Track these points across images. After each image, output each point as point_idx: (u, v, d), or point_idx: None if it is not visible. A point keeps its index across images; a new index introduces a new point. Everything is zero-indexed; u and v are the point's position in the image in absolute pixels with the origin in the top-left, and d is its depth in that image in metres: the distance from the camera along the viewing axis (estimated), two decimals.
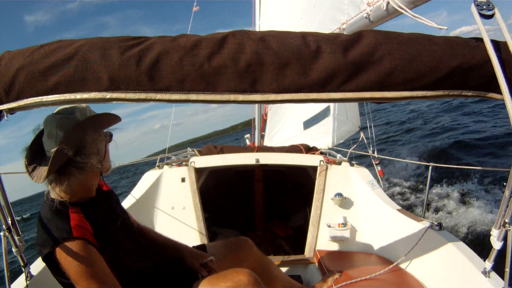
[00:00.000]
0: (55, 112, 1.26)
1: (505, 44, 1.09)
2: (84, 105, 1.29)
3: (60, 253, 1.15)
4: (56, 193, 1.23)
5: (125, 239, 1.41)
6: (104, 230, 1.29)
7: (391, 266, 2.02)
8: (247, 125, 7.32)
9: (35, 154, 1.26)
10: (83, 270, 1.13)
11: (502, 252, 1.25)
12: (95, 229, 1.23)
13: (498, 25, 1.11)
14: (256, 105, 5.90)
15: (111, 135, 1.40)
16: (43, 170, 1.19)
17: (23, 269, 1.46)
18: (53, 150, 1.17)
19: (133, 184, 3.02)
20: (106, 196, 1.46)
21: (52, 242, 1.15)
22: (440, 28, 1.32)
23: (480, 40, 1.11)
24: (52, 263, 1.18)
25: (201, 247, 1.77)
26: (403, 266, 2.04)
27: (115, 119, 1.38)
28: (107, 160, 1.39)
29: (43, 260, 1.21)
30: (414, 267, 1.96)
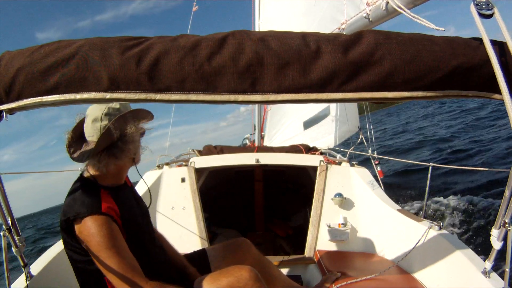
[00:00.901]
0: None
1: (505, 44, 1.09)
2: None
3: (84, 225, 1.21)
4: (93, 172, 1.36)
5: (145, 229, 1.50)
6: (129, 215, 1.38)
7: (391, 266, 2.02)
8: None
9: (77, 138, 1.38)
10: (105, 242, 1.20)
11: (502, 252, 1.25)
12: (122, 212, 1.31)
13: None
14: (256, 105, 5.90)
15: (144, 130, 1.51)
16: (84, 151, 1.32)
17: (23, 269, 1.46)
18: (101, 131, 1.31)
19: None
20: (130, 190, 1.57)
21: (79, 212, 1.22)
22: (438, 29, 1.32)
23: (480, 40, 1.11)
24: (71, 233, 1.25)
25: (201, 252, 1.79)
26: (403, 266, 2.04)
27: (149, 115, 1.50)
28: (139, 152, 1.49)
29: (62, 228, 1.27)
30: (414, 267, 1.96)
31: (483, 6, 1.09)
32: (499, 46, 1.09)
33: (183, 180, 2.73)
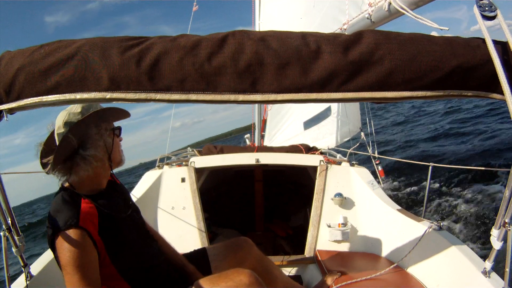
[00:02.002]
0: (64, 109, 1.33)
1: (506, 44, 1.09)
2: None
3: (60, 238, 1.19)
4: (67, 183, 1.31)
5: (133, 232, 1.44)
6: (113, 223, 1.32)
7: (391, 266, 2.02)
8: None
9: (48, 149, 1.34)
10: (73, 258, 1.17)
11: (502, 252, 1.25)
12: (101, 224, 1.26)
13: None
14: (256, 105, 5.90)
15: (119, 129, 1.44)
16: (48, 162, 1.27)
17: (23, 269, 1.46)
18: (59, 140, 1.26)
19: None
20: (118, 189, 1.50)
21: (57, 226, 1.19)
22: (441, 29, 1.32)
23: (480, 40, 1.11)
24: (53, 247, 1.23)
25: (202, 251, 1.78)
26: (403, 266, 2.04)
27: (122, 114, 1.41)
28: (116, 153, 1.42)
29: (48, 242, 1.26)
30: (414, 267, 1.96)
31: (486, 8, 1.09)
32: (501, 46, 1.09)
33: (183, 180, 2.73)
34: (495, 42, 1.09)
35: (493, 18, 1.09)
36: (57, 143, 1.28)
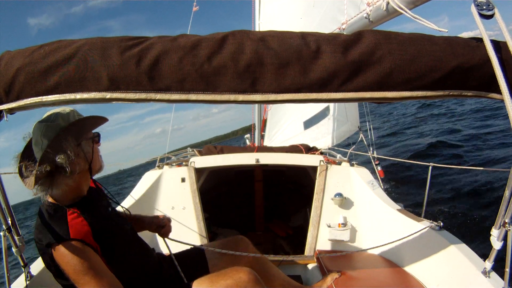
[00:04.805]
0: (40, 120, 1.28)
1: (505, 44, 1.09)
2: (68, 109, 1.31)
3: (57, 254, 1.17)
4: (50, 198, 1.27)
5: (123, 231, 1.44)
6: (103, 226, 1.31)
7: (391, 266, 2.02)
8: (248, 131, 7.37)
9: (26, 161, 1.26)
10: (80, 268, 1.16)
11: (502, 252, 1.25)
12: (93, 228, 1.25)
13: (500, 29, 1.11)
14: (256, 105, 5.91)
15: (98, 136, 1.41)
16: (32, 176, 1.20)
17: (23, 269, 1.46)
18: (39, 157, 1.19)
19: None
20: (97, 192, 1.49)
21: (50, 242, 1.17)
22: (440, 31, 1.31)
23: (480, 40, 1.11)
24: (52, 265, 1.20)
25: (199, 249, 1.79)
26: (403, 266, 2.04)
27: (100, 120, 1.38)
28: (96, 161, 1.40)
29: (44, 262, 1.23)
30: (414, 267, 1.95)
31: (484, 7, 1.09)
32: (499, 46, 1.09)
33: (183, 180, 2.73)
34: (494, 42, 1.09)
35: (491, 16, 1.09)
36: (36, 155, 1.24)
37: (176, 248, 1.77)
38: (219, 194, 3.90)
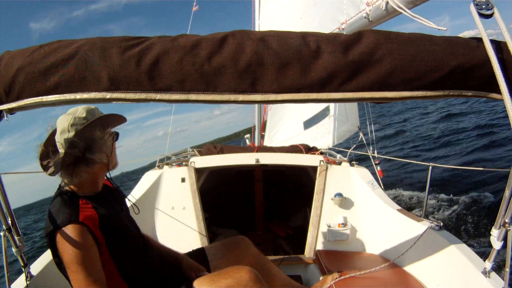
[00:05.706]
0: (67, 113, 1.36)
1: (504, 44, 1.09)
2: (92, 106, 1.40)
3: (60, 236, 1.20)
4: (67, 185, 1.35)
5: (131, 229, 1.48)
6: (112, 220, 1.36)
7: (391, 266, 2.02)
8: (249, 132, 7.43)
9: (48, 151, 1.36)
10: (76, 256, 1.19)
11: (502, 252, 1.25)
12: (101, 219, 1.29)
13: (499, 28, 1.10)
14: (256, 105, 5.90)
15: (117, 134, 1.49)
16: (56, 165, 1.29)
17: (23, 269, 1.46)
18: (66, 146, 1.28)
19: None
20: (112, 192, 1.54)
21: (58, 223, 1.21)
22: (439, 29, 1.31)
23: (480, 40, 1.11)
24: (52, 243, 1.24)
25: (200, 250, 1.80)
26: (403, 266, 2.04)
27: (121, 119, 1.48)
28: (113, 157, 1.48)
29: (46, 237, 1.27)
30: (414, 267, 1.96)
31: (483, 6, 1.09)
32: (499, 46, 1.09)
33: (183, 180, 2.73)
34: (494, 42, 1.09)
35: (490, 16, 1.09)
36: (62, 145, 1.31)
37: (178, 249, 1.77)
38: (219, 194, 3.90)
